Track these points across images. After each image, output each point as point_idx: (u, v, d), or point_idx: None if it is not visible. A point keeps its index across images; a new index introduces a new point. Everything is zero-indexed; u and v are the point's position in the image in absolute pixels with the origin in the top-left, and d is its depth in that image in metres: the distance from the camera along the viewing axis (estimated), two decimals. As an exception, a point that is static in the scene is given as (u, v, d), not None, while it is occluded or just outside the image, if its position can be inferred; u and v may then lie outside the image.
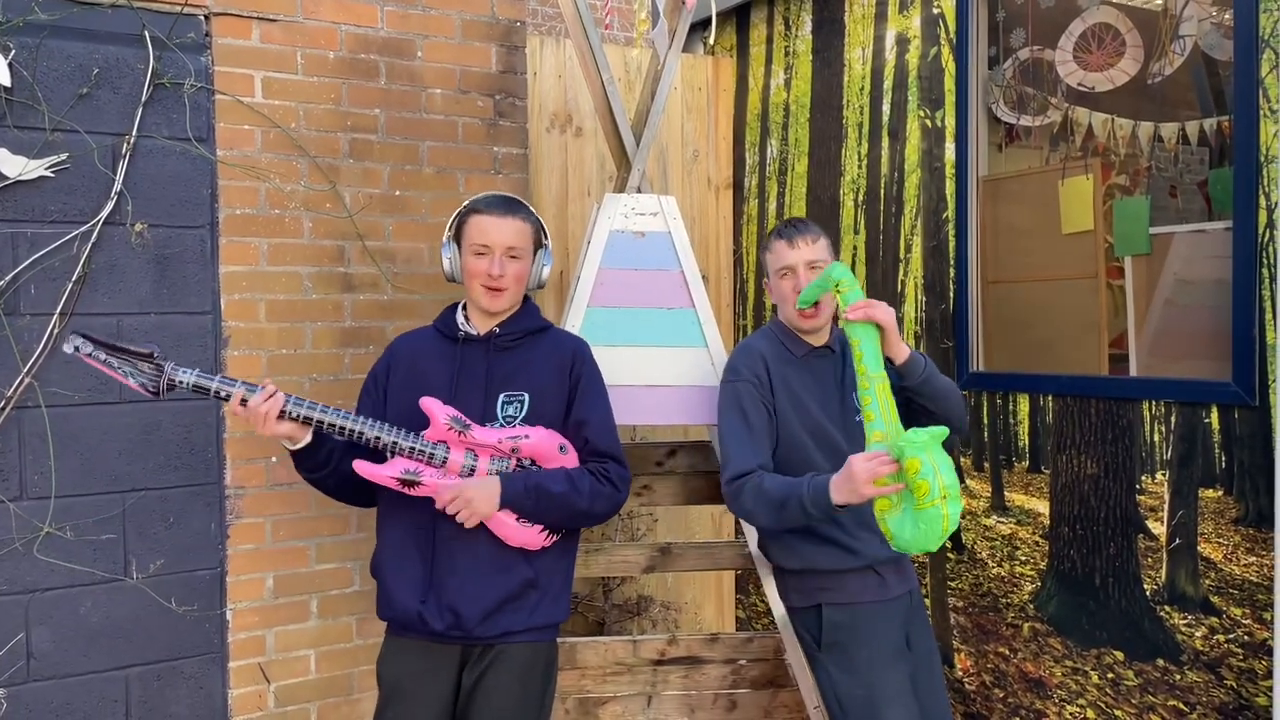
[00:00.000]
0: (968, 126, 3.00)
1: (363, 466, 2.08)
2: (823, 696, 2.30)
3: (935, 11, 3.08)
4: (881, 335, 2.10)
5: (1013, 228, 2.94)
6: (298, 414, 2.05)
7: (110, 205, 2.56)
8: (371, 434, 2.06)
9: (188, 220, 2.66)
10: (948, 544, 3.08)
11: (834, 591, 2.27)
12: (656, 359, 2.60)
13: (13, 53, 2.45)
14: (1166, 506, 2.52)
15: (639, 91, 2.92)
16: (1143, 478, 2.57)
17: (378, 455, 2.11)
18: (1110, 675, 2.66)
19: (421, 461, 2.08)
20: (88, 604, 2.56)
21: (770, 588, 2.45)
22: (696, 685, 2.53)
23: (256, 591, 2.75)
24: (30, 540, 2.49)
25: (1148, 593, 2.56)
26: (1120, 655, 2.63)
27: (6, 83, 2.42)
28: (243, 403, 2.05)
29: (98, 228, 2.54)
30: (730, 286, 3.95)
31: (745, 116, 3.87)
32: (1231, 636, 2.39)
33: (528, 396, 2.16)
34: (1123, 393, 2.61)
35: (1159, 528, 2.54)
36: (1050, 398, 2.79)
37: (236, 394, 2.05)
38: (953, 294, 3.05)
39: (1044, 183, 2.85)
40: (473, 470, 2.10)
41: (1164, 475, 2.53)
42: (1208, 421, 2.43)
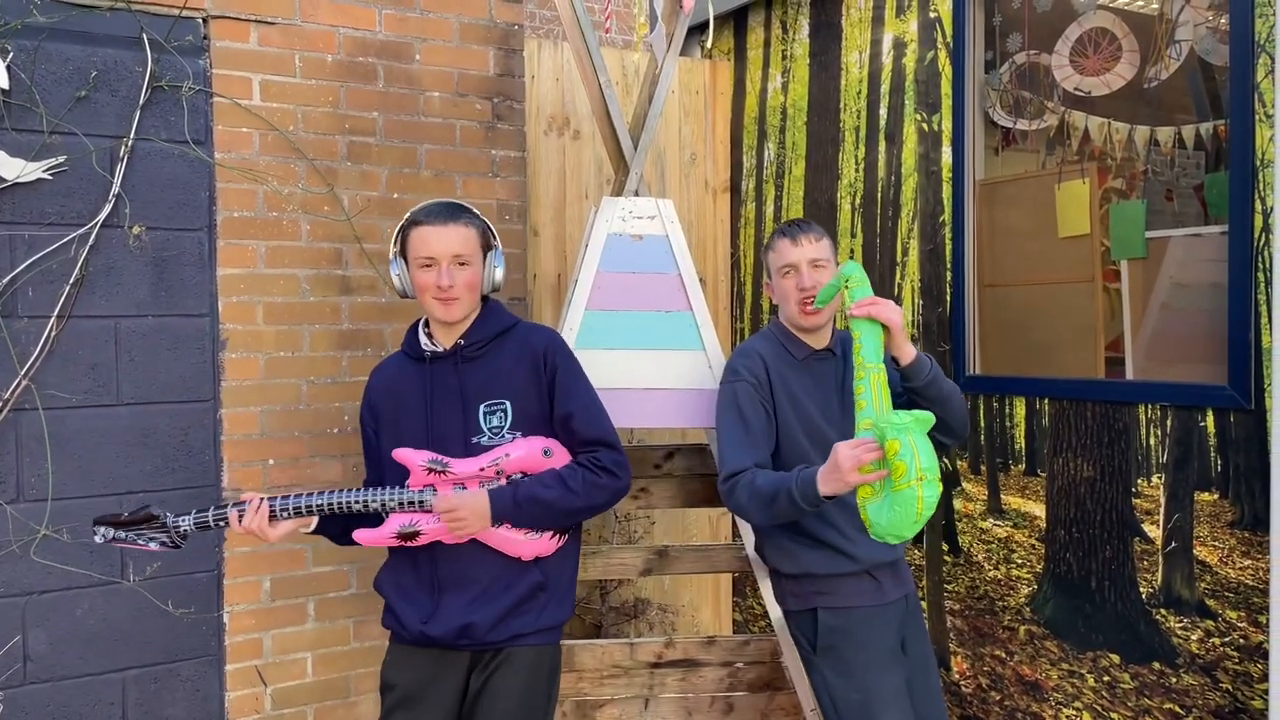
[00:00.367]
0: (964, 130, 3.01)
1: (363, 535, 2.10)
2: (818, 700, 2.30)
3: (932, 16, 3.09)
4: (887, 335, 2.10)
5: (1009, 231, 2.94)
6: (285, 512, 2.08)
7: (108, 208, 2.56)
8: (358, 504, 2.07)
9: (185, 223, 2.67)
10: (944, 546, 3.08)
11: (829, 595, 2.27)
12: (654, 362, 2.60)
13: (11, 55, 2.45)
14: (1162, 510, 2.53)
15: (637, 95, 2.92)
16: (1139, 481, 2.58)
17: (376, 517, 2.13)
18: (1106, 678, 2.66)
19: (414, 512, 2.08)
20: (84, 606, 2.56)
21: (767, 591, 2.45)
22: (693, 688, 2.53)
23: (253, 594, 2.75)
24: (27, 542, 2.49)
25: (1144, 596, 2.57)
26: (1116, 658, 2.64)
27: (4, 85, 2.42)
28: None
29: (95, 230, 2.55)
30: (728, 289, 3.95)
31: (743, 120, 3.87)
32: (1227, 639, 2.40)
33: (509, 403, 2.14)
34: (1119, 396, 2.62)
35: (1155, 531, 2.54)
36: (1046, 401, 2.80)
37: (233, 515, 2.08)
38: (949, 297, 3.05)
39: (1040, 186, 2.85)
40: None
41: (1160, 478, 2.53)
42: (1203, 425, 2.43)
